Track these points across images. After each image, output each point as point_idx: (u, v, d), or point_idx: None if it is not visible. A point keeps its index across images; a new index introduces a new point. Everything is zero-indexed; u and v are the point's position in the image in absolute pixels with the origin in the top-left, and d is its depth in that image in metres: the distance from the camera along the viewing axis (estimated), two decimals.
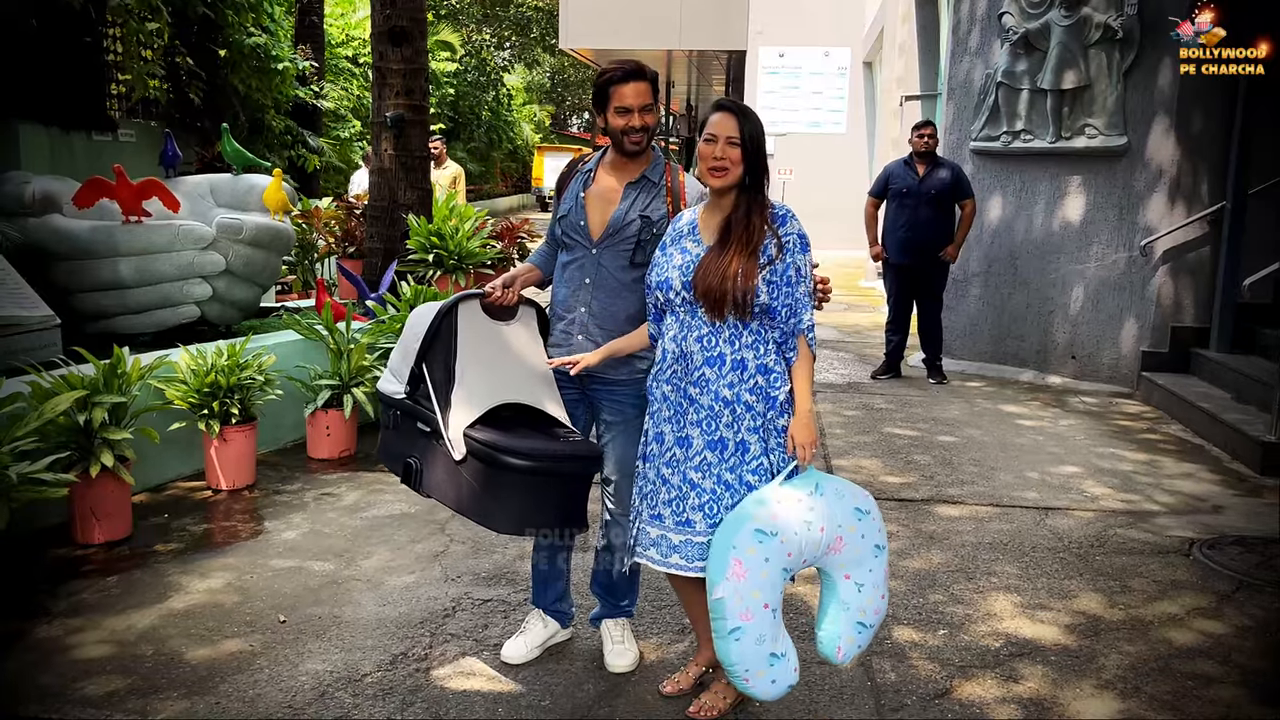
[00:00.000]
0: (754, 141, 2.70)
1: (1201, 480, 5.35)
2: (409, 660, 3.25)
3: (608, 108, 2.99)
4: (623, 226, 3.02)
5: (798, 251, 2.72)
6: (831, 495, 2.67)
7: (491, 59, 30.84)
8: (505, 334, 3.08)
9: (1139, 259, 7.34)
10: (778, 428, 2.72)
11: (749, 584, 2.53)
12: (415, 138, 7.16)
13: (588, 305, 3.06)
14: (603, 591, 3.29)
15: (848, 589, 2.71)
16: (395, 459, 3.09)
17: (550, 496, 2.92)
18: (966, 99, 8.30)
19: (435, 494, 2.97)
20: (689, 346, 2.74)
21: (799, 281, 2.71)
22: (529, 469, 2.82)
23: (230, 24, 10.98)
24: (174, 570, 3.91)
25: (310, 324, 5.66)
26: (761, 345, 2.71)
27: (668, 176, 3.07)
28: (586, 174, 3.14)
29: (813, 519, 2.61)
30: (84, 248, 6.46)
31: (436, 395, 2.91)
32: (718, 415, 2.72)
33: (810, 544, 2.61)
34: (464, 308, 3.00)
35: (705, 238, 2.78)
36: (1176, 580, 4.01)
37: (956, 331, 8.34)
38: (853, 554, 2.68)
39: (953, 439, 6.06)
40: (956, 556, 4.21)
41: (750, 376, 2.70)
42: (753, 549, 2.54)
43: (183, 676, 3.10)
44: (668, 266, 2.78)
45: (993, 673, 3.24)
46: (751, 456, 2.72)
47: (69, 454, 4.02)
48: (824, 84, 18.51)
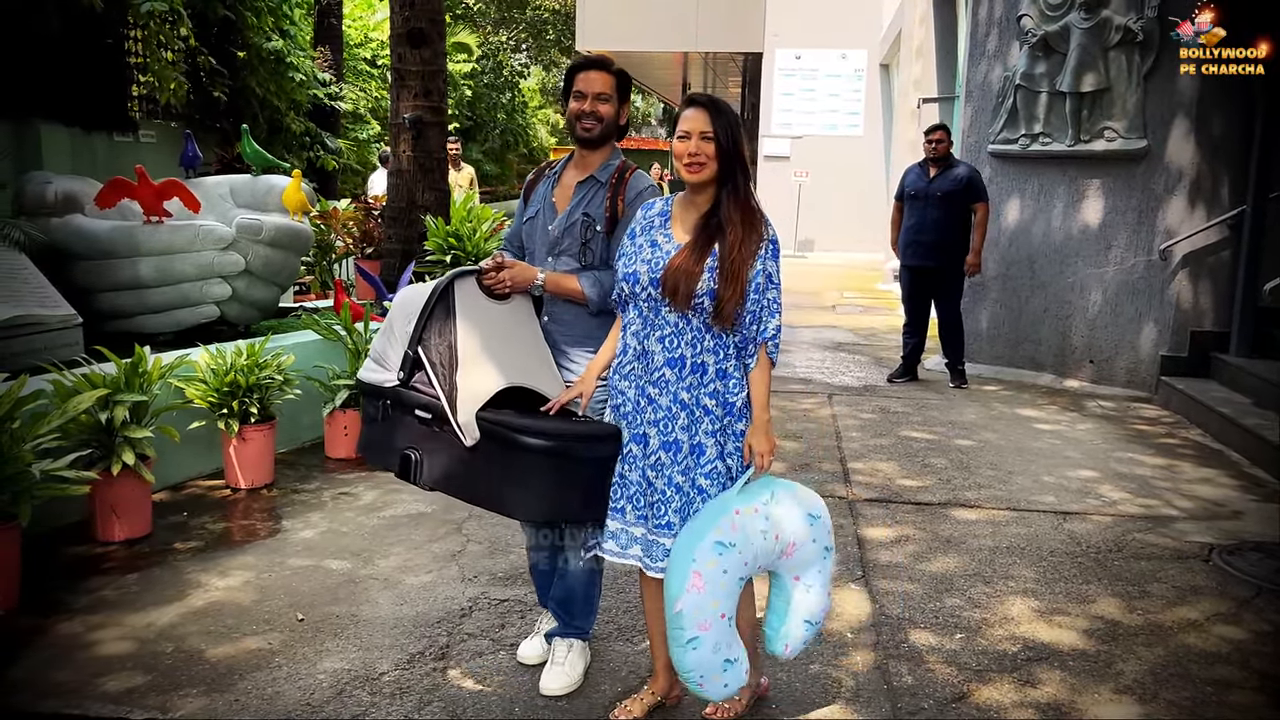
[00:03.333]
0: (729, 136, 2.63)
1: (1220, 485, 5.32)
2: (426, 659, 3.26)
3: (568, 96, 2.99)
4: (568, 227, 3.00)
5: (769, 257, 2.66)
6: (786, 501, 2.68)
7: (509, 61, 30.90)
8: (504, 313, 2.95)
9: (1158, 263, 7.29)
10: (735, 432, 2.70)
11: (708, 596, 2.54)
12: (433, 139, 7.20)
13: (548, 312, 3.04)
14: (558, 609, 3.17)
15: (798, 590, 2.74)
16: (388, 453, 2.86)
17: (574, 480, 2.74)
18: (985, 101, 8.28)
19: (442, 486, 2.79)
20: (650, 345, 2.71)
21: (768, 288, 2.66)
22: (550, 449, 2.66)
23: (250, 26, 11.05)
24: (193, 568, 3.94)
25: (329, 324, 5.69)
26: (722, 350, 2.67)
27: (615, 174, 3.01)
28: (554, 177, 3.11)
29: (768, 528, 2.62)
30: (105, 247, 6.52)
31: (438, 379, 2.73)
32: (674, 417, 2.68)
33: (765, 551, 2.63)
34: (460, 285, 2.86)
35: (677, 233, 2.72)
36: (1195, 585, 3.99)
37: (974, 334, 8.31)
38: (803, 558, 2.70)
39: (969, 442, 6.04)
40: (973, 560, 4.20)
41: (710, 380, 2.67)
42: (712, 561, 2.54)
43: (202, 674, 3.13)
44: (635, 259, 2.71)
45: (1010, 677, 3.23)
46: (707, 460, 2.68)
47: (90, 451, 4.06)
48: (840, 86, 18.48)
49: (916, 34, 13.21)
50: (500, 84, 29.68)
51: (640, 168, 3.20)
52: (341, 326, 5.57)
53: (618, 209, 2.97)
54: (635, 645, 3.37)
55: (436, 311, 2.80)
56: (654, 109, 46.85)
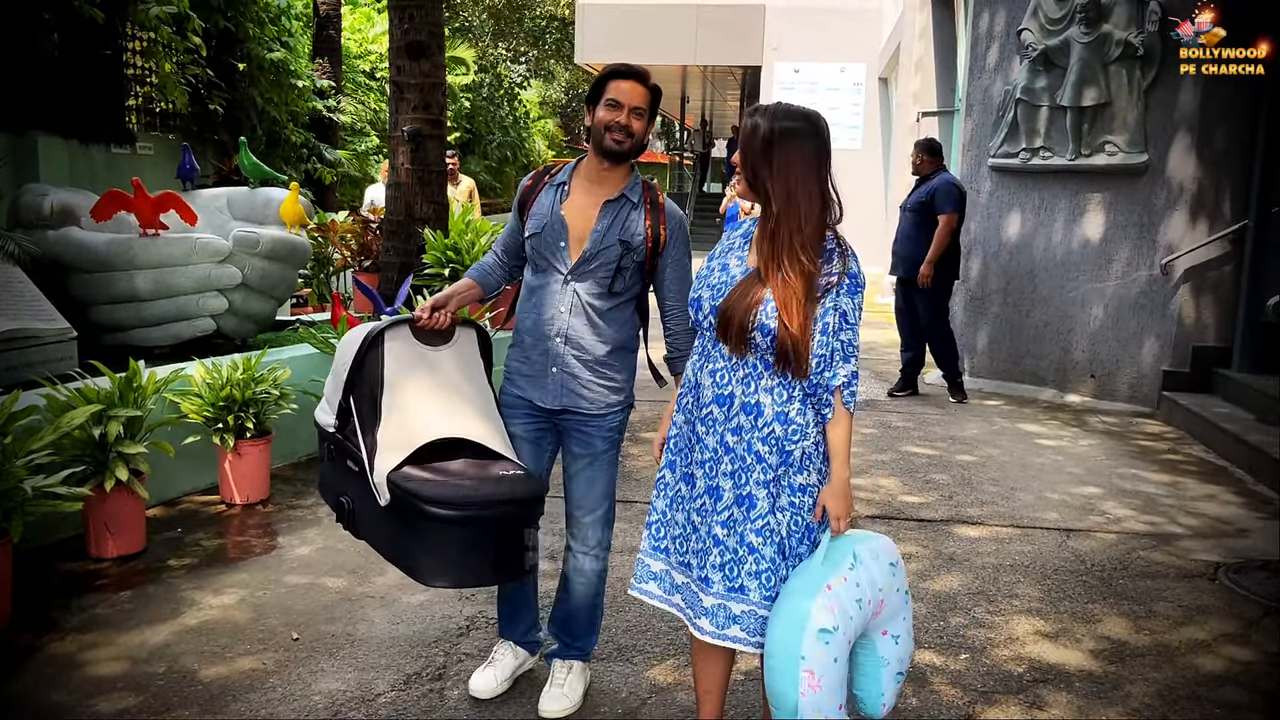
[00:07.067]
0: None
1: (1225, 503, 5.27)
2: (423, 680, 3.21)
3: (599, 101, 2.78)
4: (600, 251, 2.78)
5: (842, 294, 2.33)
6: (869, 560, 2.38)
7: (507, 74, 30.95)
8: (439, 361, 2.79)
9: (1160, 277, 7.27)
10: (792, 485, 2.37)
11: (825, 694, 2.27)
12: (432, 152, 7.16)
13: (564, 335, 2.82)
14: (559, 630, 3.11)
15: (886, 645, 2.49)
16: (330, 494, 2.82)
17: (482, 546, 2.59)
18: (985, 115, 8.26)
19: (368, 540, 2.71)
20: (703, 378, 2.46)
21: (841, 328, 2.33)
22: (456, 519, 2.52)
23: (251, 37, 11.04)
24: (187, 585, 3.89)
25: (326, 338, 5.65)
26: (784, 391, 2.34)
27: (647, 195, 2.86)
28: (559, 187, 2.87)
29: (861, 595, 2.34)
30: (101, 260, 6.47)
31: (363, 433, 2.63)
32: (718, 460, 2.41)
33: (861, 621, 2.36)
34: (392, 334, 2.72)
35: (751, 257, 2.41)
36: (1202, 605, 3.94)
37: (974, 349, 8.28)
38: (889, 610, 2.46)
39: (971, 458, 6.00)
40: (977, 578, 4.15)
41: (766, 424, 2.35)
42: (821, 653, 2.26)
43: (195, 694, 3.07)
44: (702, 283, 2.46)
45: (1016, 699, 3.18)
46: (758, 514, 2.36)
47: (84, 468, 4.00)
48: (839, 99, 18.48)
49: (916, 48, 13.22)
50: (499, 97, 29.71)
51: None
52: (338, 340, 5.52)
53: (660, 235, 2.82)
54: (635, 666, 3.32)
55: (367, 361, 2.68)
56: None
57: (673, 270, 2.88)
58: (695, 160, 34.28)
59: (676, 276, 2.89)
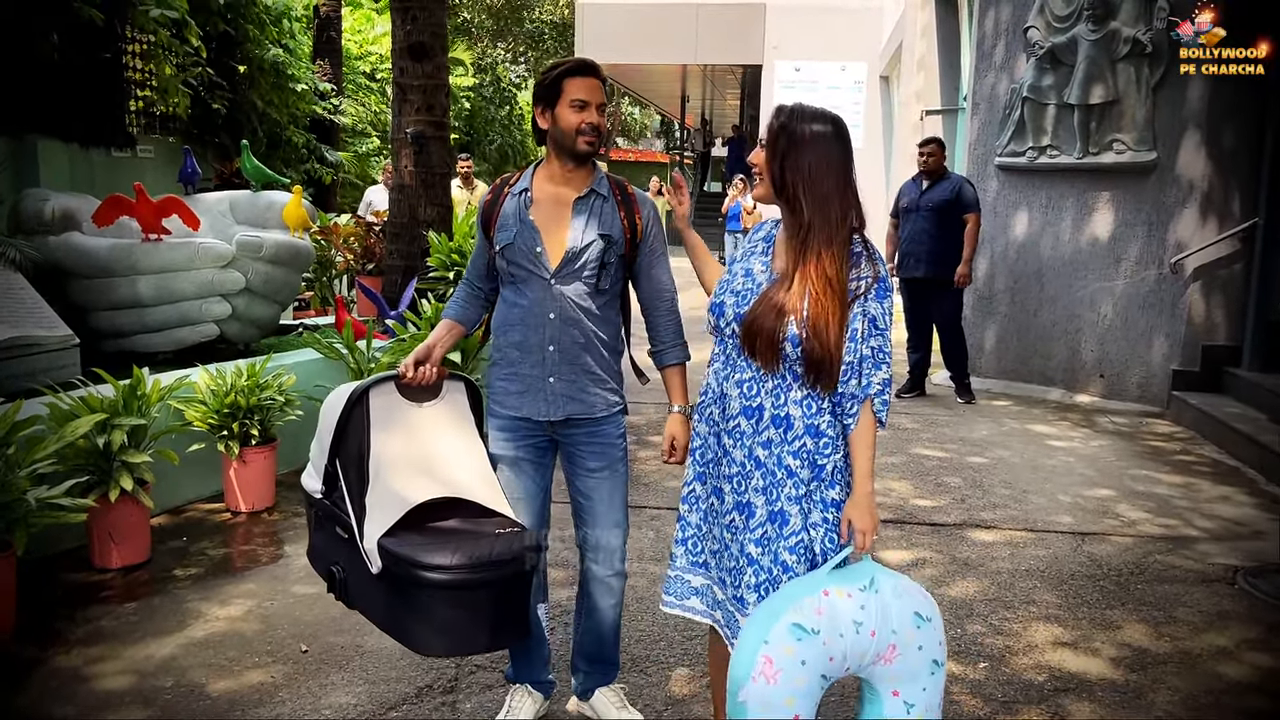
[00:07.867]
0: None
1: (1239, 504, 5.22)
2: (435, 693, 3.15)
3: (558, 102, 2.64)
4: (582, 250, 2.67)
5: (871, 299, 2.25)
6: (888, 593, 2.19)
7: (506, 76, 30.91)
8: (427, 418, 2.64)
9: (1169, 276, 7.22)
10: (825, 500, 2.28)
11: (781, 689, 2.09)
12: (436, 154, 7.10)
13: (556, 342, 2.68)
14: (589, 663, 2.97)
15: (894, 707, 2.22)
16: (321, 564, 2.67)
17: (480, 610, 2.43)
18: (991, 114, 8.21)
19: (361, 609, 2.55)
20: (729, 389, 2.35)
21: (871, 334, 2.25)
22: (450, 584, 2.35)
23: (251, 39, 10.98)
24: (193, 596, 3.83)
25: (330, 343, 5.60)
26: (814, 403, 2.26)
27: (615, 188, 2.76)
28: (521, 194, 2.73)
29: (864, 620, 2.14)
30: (103, 266, 6.41)
31: (351, 499, 2.49)
32: (748, 475, 2.30)
33: (857, 649, 2.15)
34: (376, 393, 2.57)
35: (777, 262, 2.33)
36: (1223, 610, 3.89)
37: (982, 349, 8.23)
38: (906, 667, 2.20)
39: (982, 460, 5.94)
40: (994, 584, 4.10)
41: (797, 438, 2.26)
42: (789, 648, 2.09)
43: (203, 709, 3.02)
44: (725, 288, 2.37)
45: (1038, 709, 3.13)
46: (790, 531, 2.26)
47: (88, 477, 3.95)
48: (840, 98, 18.41)
49: (918, 46, 13.16)
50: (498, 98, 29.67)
51: (636, 181, 3.05)
52: (343, 345, 5.47)
53: (636, 225, 2.75)
54: (650, 677, 3.27)
55: (351, 422, 2.54)
56: (652, 121, 46.89)
57: (652, 258, 2.82)
58: (695, 160, 34.21)
59: (656, 263, 2.83)
